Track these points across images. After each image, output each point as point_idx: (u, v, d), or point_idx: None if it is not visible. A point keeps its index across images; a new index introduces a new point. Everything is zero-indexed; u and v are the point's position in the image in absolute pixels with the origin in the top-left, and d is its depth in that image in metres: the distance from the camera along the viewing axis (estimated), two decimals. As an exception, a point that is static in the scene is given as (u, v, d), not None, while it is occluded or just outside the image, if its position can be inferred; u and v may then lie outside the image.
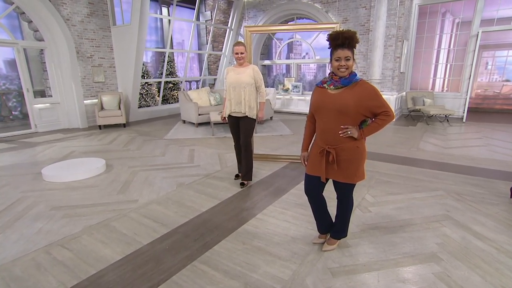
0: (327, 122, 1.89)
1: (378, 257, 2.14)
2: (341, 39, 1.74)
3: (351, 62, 1.79)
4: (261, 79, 3.36)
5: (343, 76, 1.81)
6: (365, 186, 3.43)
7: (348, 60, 1.78)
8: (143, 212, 2.91)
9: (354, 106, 1.79)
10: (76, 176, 3.78)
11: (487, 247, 2.22)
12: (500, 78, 12.85)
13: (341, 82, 1.83)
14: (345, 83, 1.82)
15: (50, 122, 7.02)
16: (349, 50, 1.76)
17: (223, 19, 10.56)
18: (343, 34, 1.73)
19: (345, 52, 1.76)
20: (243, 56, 3.27)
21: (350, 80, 1.82)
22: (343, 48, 1.76)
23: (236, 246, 2.31)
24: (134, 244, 2.37)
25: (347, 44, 1.75)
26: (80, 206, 3.04)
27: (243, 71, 3.32)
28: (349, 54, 1.76)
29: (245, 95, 3.31)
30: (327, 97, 1.87)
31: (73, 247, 2.31)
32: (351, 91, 1.81)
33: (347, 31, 1.76)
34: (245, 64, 3.37)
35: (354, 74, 1.84)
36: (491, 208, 2.86)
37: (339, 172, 1.94)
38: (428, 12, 8.12)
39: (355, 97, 1.79)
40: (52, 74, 6.90)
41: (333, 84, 1.85)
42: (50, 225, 2.66)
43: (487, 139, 5.68)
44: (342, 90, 1.83)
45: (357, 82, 1.82)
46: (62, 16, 6.55)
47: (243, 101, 3.32)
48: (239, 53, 3.24)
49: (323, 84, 1.92)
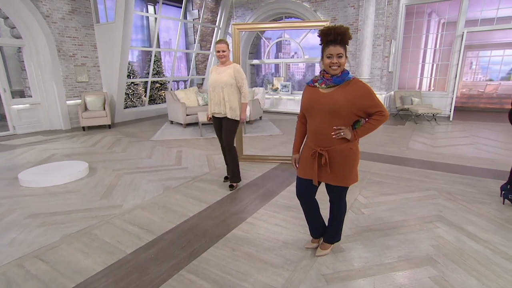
0: (319, 123, 1.79)
1: (373, 261, 2.07)
2: (333, 34, 1.64)
3: (343, 60, 1.69)
4: (242, 78, 3.20)
5: (335, 74, 1.72)
6: (357, 187, 3.37)
7: (341, 58, 1.68)
8: (127, 218, 2.76)
9: (347, 106, 1.70)
10: (55, 180, 3.58)
11: (481, 248, 2.19)
12: (484, 78, 13.17)
13: (333, 81, 1.73)
14: (337, 82, 1.73)
15: (30, 123, 6.71)
16: (341, 47, 1.66)
17: (211, 17, 10.40)
18: (335, 30, 1.63)
19: (337, 49, 1.66)
20: (224, 54, 3.12)
21: (342, 79, 1.72)
22: (335, 44, 1.66)
23: (226, 253, 2.20)
24: (117, 253, 2.22)
25: (339, 40, 1.65)
26: (59, 213, 2.85)
27: (224, 71, 3.18)
28: (342, 51, 1.67)
29: (224, 95, 3.16)
30: (318, 97, 1.77)
31: (49, 258, 2.15)
32: (344, 90, 1.71)
33: (340, 26, 1.65)
34: (228, 63, 3.22)
35: (346, 72, 1.74)
36: (483, 207, 2.85)
37: (332, 175, 1.85)
38: (415, 12, 8.20)
39: (348, 96, 1.70)
40: (31, 73, 6.59)
41: (325, 83, 1.75)
42: (25, 234, 2.47)
43: (473, 138, 5.75)
44: (334, 89, 1.74)
45: (350, 81, 1.73)
46: (41, 13, 6.27)
47: (222, 101, 3.18)
48: (220, 51, 3.10)
49: (314, 83, 1.82)
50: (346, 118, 1.75)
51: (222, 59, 3.16)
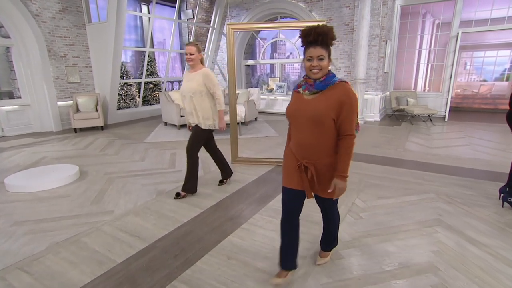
0: (302, 133, 1.62)
1: (373, 269, 2.00)
2: (313, 35, 1.48)
3: (325, 62, 1.52)
4: (214, 84, 2.94)
5: (316, 79, 1.55)
6: (355, 190, 3.31)
7: (322, 60, 1.51)
8: (118, 224, 2.66)
9: (329, 113, 1.52)
10: (44, 185, 3.46)
11: (483, 254, 2.14)
12: (478, 78, 13.27)
13: (315, 87, 1.56)
14: (320, 87, 1.55)
15: (20, 125, 6.54)
16: (322, 48, 1.50)
17: (205, 17, 10.29)
18: (316, 30, 1.48)
19: (318, 51, 1.49)
20: (192, 58, 2.85)
21: (326, 83, 1.55)
22: (315, 45, 1.50)
23: (221, 262, 2.12)
24: (107, 263, 2.12)
25: (321, 41, 1.49)
26: (47, 220, 2.74)
27: (193, 78, 2.93)
28: (323, 52, 1.50)
29: (195, 104, 2.94)
30: (302, 104, 1.61)
31: (34, 269, 2.04)
32: (326, 95, 1.54)
33: (322, 26, 1.49)
34: (198, 68, 2.96)
35: (331, 75, 1.57)
36: (482, 210, 2.80)
37: (320, 187, 1.70)
38: (409, 12, 8.20)
39: (329, 101, 1.52)
40: (20, 74, 6.43)
41: (308, 89, 1.58)
42: (9, 244, 2.36)
43: (469, 138, 5.75)
44: (318, 95, 1.57)
45: (335, 84, 1.55)
46: (30, 12, 6.11)
47: (194, 111, 2.97)
48: (188, 54, 2.84)
49: (298, 89, 1.66)
50: (331, 129, 1.57)
51: (190, 63, 2.90)
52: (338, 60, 8.08)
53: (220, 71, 10.52)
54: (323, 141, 1.60)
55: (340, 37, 7.91)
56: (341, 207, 2.90)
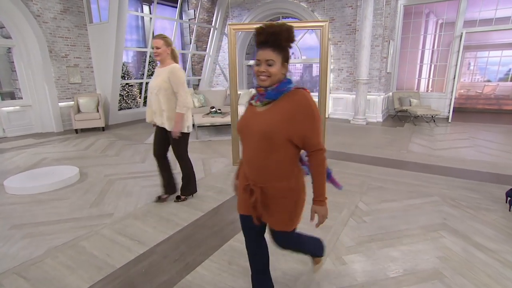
0: (251, 151, 1.35)
1: (377, 275, 1.95)
2: (264, 34, 1.24)
3: (275, 68, 1.25)
4: (179, 83, 2.65)
5: (265, 86, 1.28)
6: (358, 193, 3.26)
7: (271, 66, 1.25)
8: (118, 228, 2.62)
9: (281, 128, 1.25)
10: (44, 187, 3.43)
11: (490, 260, 2.08)
12: (481, 79, 13.16)
13: (266, 95, 1.29)
14: (272, 96, 1.28)
15: (21, 126, 6.52)
16: (273, 51, 1.24)
17: (207, 18, 10.26)
18: (267, 29, 1.23)
19: (267, 53, 1.24)
20: (159, 52, 2.63)
21: (279, 91, 1.28)
22: (264, 47, 1.25)
23: (221, 267, 2.07)
24: (106, 268, 2.08)
25: (272, 43, 1.24)
26: (46, 223, 2.71)
27: (160, 73, 2.71)
28: (273, 56, 1.24)
29: (160, 103, 2.70)
30: (252, 117, 1.34)
31: (31, 275, 2.00)
32: (280, 106, 1.27)
33: (275, 24, 1.24)
34: (167, 63, 2.73)
35: (286, 81, 1.30)
36: (488, 214, 2.74)
37: (266, 214, 1.42)
38: (413, 12, 8.13)
39: (282, 114, 1.25)
40: (21, 75, 6.41)
41: (259, 100, 1.32)
42: (7, 248, 2.32)
43: (473, 140, 5.68)
44: (271, 106, 1.30)
45: (290, 92, 1.28)
46: (31, 12, 6.09)
47: (159, 110, 2.74)
48: (154, 48, 2.63)
49: (251, 100, 1.40)
50: (285, 147, 1.29)
51: (157, 58, 2.68)
52: (340, 60, 8.03)
53: (221, 72, 10.48)
54: (274, 162, 1.31)
55: (342, 37, 7.86)
56: (343, 210, 2.85)
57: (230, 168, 4.18)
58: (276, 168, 1.33)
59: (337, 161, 4.33)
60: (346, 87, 8.10)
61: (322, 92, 3.86)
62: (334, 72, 8.19)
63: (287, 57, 1.30)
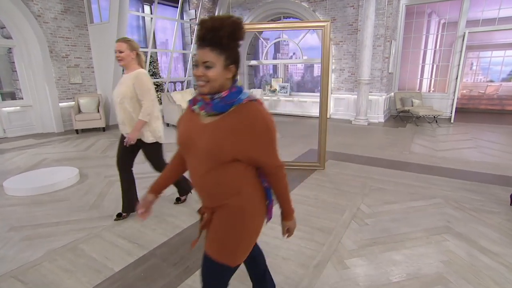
0: (196, 168, 1.12)
1: (380, 280, 1.92)
2: (202, 30, 1.00)
3: (214, 72, 1.00)
4: (144, 90, 2.41)
5: (205, 93, 1.04)
6: (359, 195, 3.22)
7: (210, 68, 1.00)
8: (117, 230, 2.60)
9: (230, 148, 1.03)
10: (43, 188, 3.40)
11: (495, 265, 2.04)
12: (484, 79, 13.09)
13: (213, 107, 1.05)
14: (219, 109, 1.05)
15: (22, 126, 6.52)
16: (212, 51, 0.99)
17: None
18: (206, 23, 0.99)
19: (204, 53, 1.00)
20: (122, 56, 2.36)
21: (227, 103, 1.04)
22: (203, 46, 1.01)
23: (221, 271, 2.04)
24: (104, 271, 2.06)
25: (210, 40, 0.99)
26: (45, 225, 2.68)
27: (124, 80, 2.45)
28: (211, 57, 0.99)
29: (124, 112, 2.46)
30: (196, 130, 1.10)
31: (29, 278, 1.98)
32: (228, 121, 1.04)
33: (218, 17, 1.00)
34: (132, 69, 2.46)
35: (235, 92, 1.06)
36: (492, 217, 2.71)
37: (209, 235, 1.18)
38: (415, 12, 8.08)
39: (229, 130, 1.03)
40: (22, 75, 6.41)
41: (204, 108, 1.08)
42: (5, 250, 2.30)
43: (476, 141, 5.63)
44: (219, 119, 1.05)
45: (240, 105, 1.04)
46: (32, 12, 6.08)
47: (126, 120, 2.49)
48: (117, 52, 2.37)
49: (193, 105, 1.14)
50: (233, 170, 1.08)
51: (120, 63, 2.41)
52: (342, 60, 7.99)
53: (222, 72, 10.44)
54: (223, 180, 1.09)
55: (344, 37, 7.82)
56: (345, 213, 2.82)
57: (231, 169, 4.15)
58: (226, 186, 1.10)
59: (338, 162, 4.29)
60: (348, 87, 8.06)
61: (324, 92, 3.83)
62: (335, 72, 8.15)
63: (235, 58, 1.05)
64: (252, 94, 1.11)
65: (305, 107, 8.67)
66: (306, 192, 3.30)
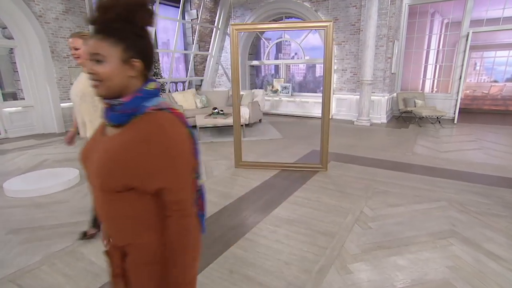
0: (94, 194, 0.88)
1: (384, 285, 1.88)
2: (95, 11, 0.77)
3: (106, 68, 0.77)
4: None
5: (101, 96, 0.81)
6: (363, 197, 3.18)
7: (100, 63, 0.77)
8: (116, 233, 2.56)
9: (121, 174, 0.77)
10: (43, 190, 3.38)
11: (503, 271, 1.99)
12: (488, 79, 12.99)
13: (110, 117, 0.82)
14: (117, 120, 0.81)
15: (23, 126, 6.50)
16: (104, 40, 0.76)
17: (210, 18, 10.21)
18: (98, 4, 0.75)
19: (94, 44, 0.77)
20: (78, 54, 2.07)
21: (128, 111, 0.80)
22: (96, 33, 0.77)
23: (222, 276, 2.00)
24: (103, 275, 2.02)
25: (100, 25, 0.77)
26: (44, 228, 2.66)
27: (82, 78, 2.16)
28: (102, 47, 0.76)
29: (83, 113, 2.16)
30: (96, 143, 0.88)
31: (27, 283, 1.95)
32: (127, 135, 0.79)
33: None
34: None
35: (139, 97, 0.81)
36: (499, 221, 2.65)
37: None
38: (418, 12, 8.01)
39: (121, 149, 0.78)
40: (24, 75, 6.40)
41: (105, 116, 0.85)
42: (4, 253, 2.27)
43: (480, 142, 5.56)
44: (120, 131, 0.81)
45: (142, 116, 0.80)
46: (33, 13, 6.06)
47: (83, 120, 2.20)
48: (72, 49, 2.09)
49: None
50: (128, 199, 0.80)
51: (77, 60, 2.13)
52: (344, 60, 7.93)
53: (224, 72, 10.42)
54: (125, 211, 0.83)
55: (346, 37, 7.76)
56: (348, 216, 2.77)
57: (233, 170, 4.12)
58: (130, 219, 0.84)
59: (341, 164, 4.25)
60: (350, 88, 8.00)
61: (326, 92, 3.78)
62: (337, 73, 8.09)
63: (141, 50, 0.80)
64: (164, 102, 0.84)
65: (307, 108, 8.63)
66: (308, 195, 3.25)
